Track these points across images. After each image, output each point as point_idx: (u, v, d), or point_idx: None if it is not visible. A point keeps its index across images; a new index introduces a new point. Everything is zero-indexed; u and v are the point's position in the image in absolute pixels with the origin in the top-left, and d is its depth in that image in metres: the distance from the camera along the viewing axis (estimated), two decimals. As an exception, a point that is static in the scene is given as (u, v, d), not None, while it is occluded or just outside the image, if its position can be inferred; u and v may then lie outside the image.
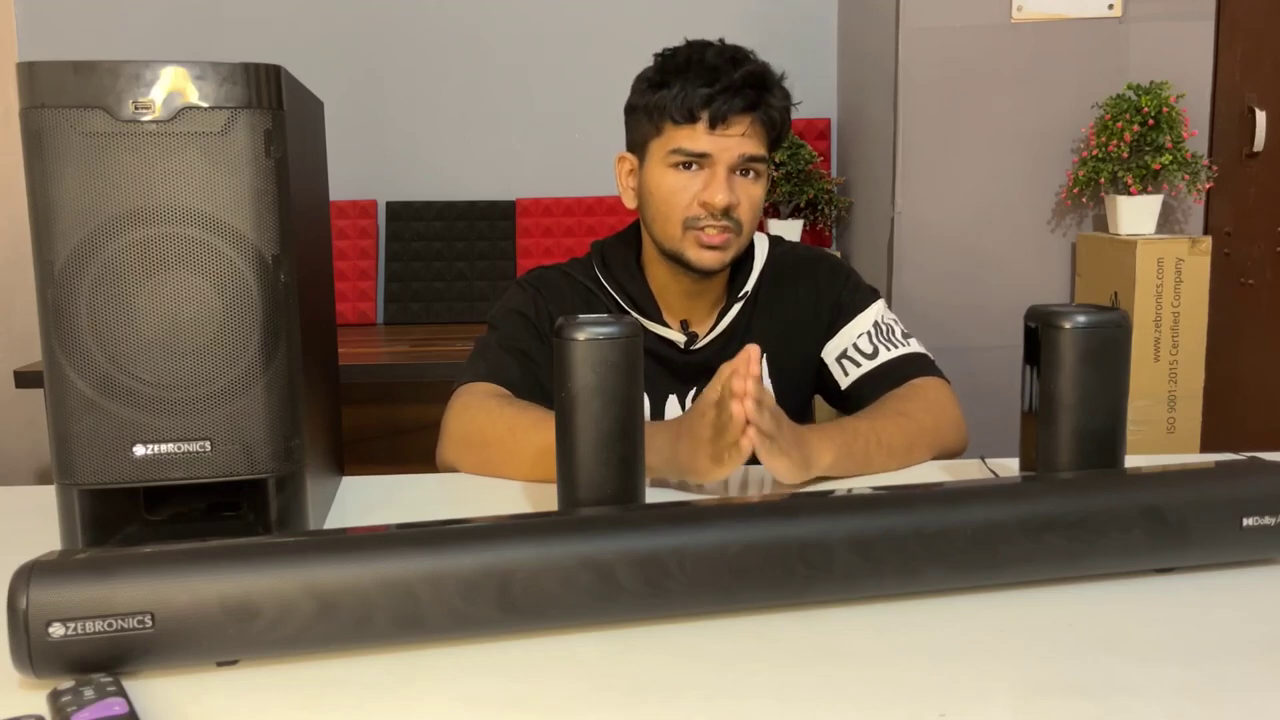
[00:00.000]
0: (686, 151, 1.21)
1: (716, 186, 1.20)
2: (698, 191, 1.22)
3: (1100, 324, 0.92)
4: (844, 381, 1.32)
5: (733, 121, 1.20)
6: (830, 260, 1.39)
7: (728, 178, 1.21)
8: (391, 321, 2.85)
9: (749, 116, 1.20)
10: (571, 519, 0.79)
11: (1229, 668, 0.70)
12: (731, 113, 1.19)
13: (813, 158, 2.63)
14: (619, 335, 0.86)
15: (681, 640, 0.75)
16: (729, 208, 1.21)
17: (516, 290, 1.35)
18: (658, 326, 1.31)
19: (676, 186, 1.23)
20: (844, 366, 1.32)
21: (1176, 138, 2.18)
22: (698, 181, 1.22)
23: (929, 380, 1.27)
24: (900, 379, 1.27)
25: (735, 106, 1.19)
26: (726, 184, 1.21)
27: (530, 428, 1.13)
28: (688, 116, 1.20)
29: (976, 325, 2.35)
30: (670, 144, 1.22)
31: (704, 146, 1.20)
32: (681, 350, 1.32)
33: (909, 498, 0.81)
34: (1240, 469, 0.87)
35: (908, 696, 0.66)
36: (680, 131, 1.21)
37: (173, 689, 0.69)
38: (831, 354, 1.33)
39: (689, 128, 1.21)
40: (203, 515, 0.95)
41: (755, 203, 1.25)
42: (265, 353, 0.85)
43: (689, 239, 1.24)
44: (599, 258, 1.36)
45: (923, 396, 1.23)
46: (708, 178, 1.21)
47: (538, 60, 2.89)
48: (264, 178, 0.84)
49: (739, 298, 1.32)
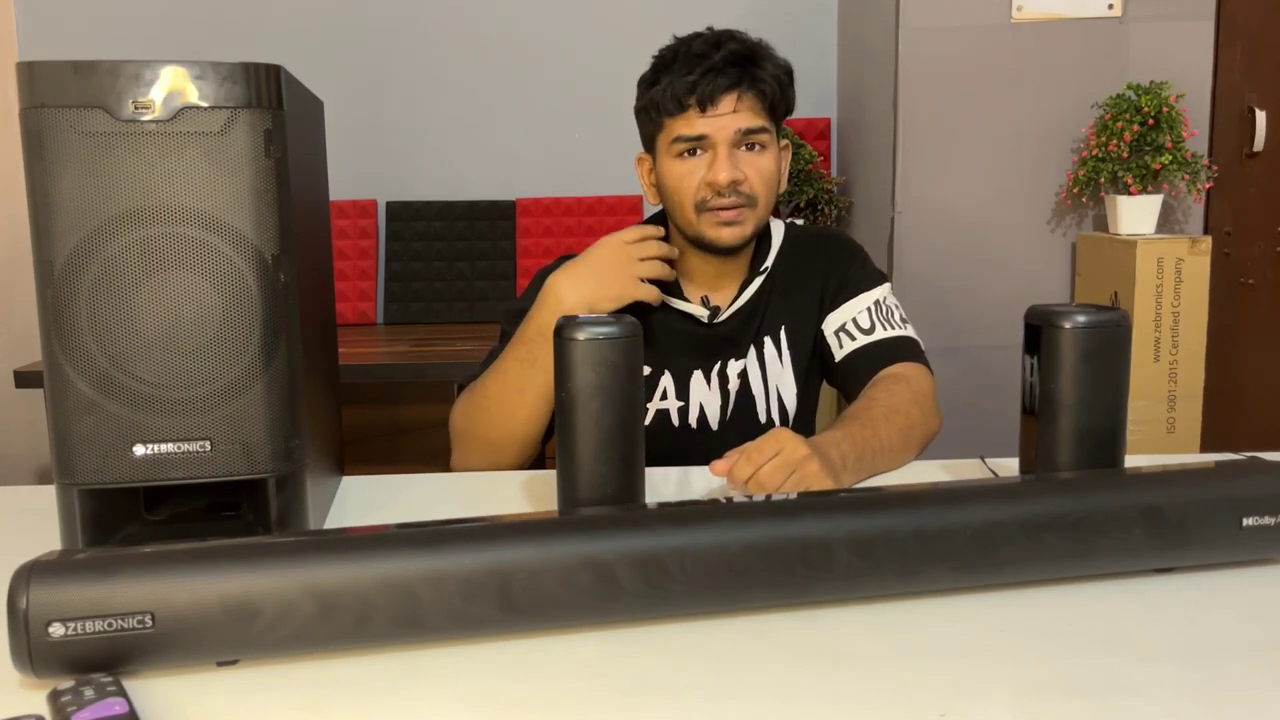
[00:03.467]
0: (685, 138, 1.25)
1: (719, 165, 1.25)
2: (704, 174, 1.26)
3: (1100, 324, 0.92)
4: (838, 354, 1.34)
5: (720, 100, 1.24)
6: (844, 239, 1.44)
7: (730, 155, 1.25)
8: (391, 321, 2.85)
9: (735, 92, 1.24)
10: (571, 519, 0.79)
11: (1229, 668, 0.70)
12: (718, 92, 1.23)
13: (813, 157, 2.63)
14: (619, 335, 0.86)
15: (681, 640, 0.75)
16: (735, 182, 1.25)
17: (529, 288, 1.37)
18: (680, 302, 1.34)
19: (684, 173, 1.27)
20: (840, 339, 1.35)
21: (1176, 138, 2.18)
22: (702, 165, 1.26)
23: (914, 367, 1.30)
24: (889, 359, 1.30)
25: (720, 85, 1.23)
26: (729, 161, 1.25)
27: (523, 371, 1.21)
28: (678, 105, 1.25)
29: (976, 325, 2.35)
30: (670, 134, 1.27)
31: (699, 129, 1.25)
32: (705, 325, 1.34)
33: (909, 498, 0.81)
34: (1240, 469, 0.87)
35: (908, 696, 0.66)
36: (676, 121, 1.26)
37: (173, 689, 0.69)
38: (831, 326, 1.36)
39: (682, 116, 1.25)
40: (203, 515, 0.95)
41: (765, 173, 1.28)
42: (265, 353, 0.85)
43: (705, 220, 1.28)
44: None
45: (908, 386, 1.26)
46: (710, 159, 1.26)
47: (538, 60, 2.89)
48: (264, 178, 0.84)
49: (760, 271, 1.36)
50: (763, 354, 1.36)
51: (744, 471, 0.99)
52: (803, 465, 1.00)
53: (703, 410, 1.35)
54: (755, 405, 1.36)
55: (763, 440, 1.02)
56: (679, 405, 1.35)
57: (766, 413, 1.36)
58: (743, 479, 0.99)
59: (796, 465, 1.00)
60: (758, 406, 1.36)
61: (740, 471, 0.99)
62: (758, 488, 0.98)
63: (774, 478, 0.99)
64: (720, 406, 1.35)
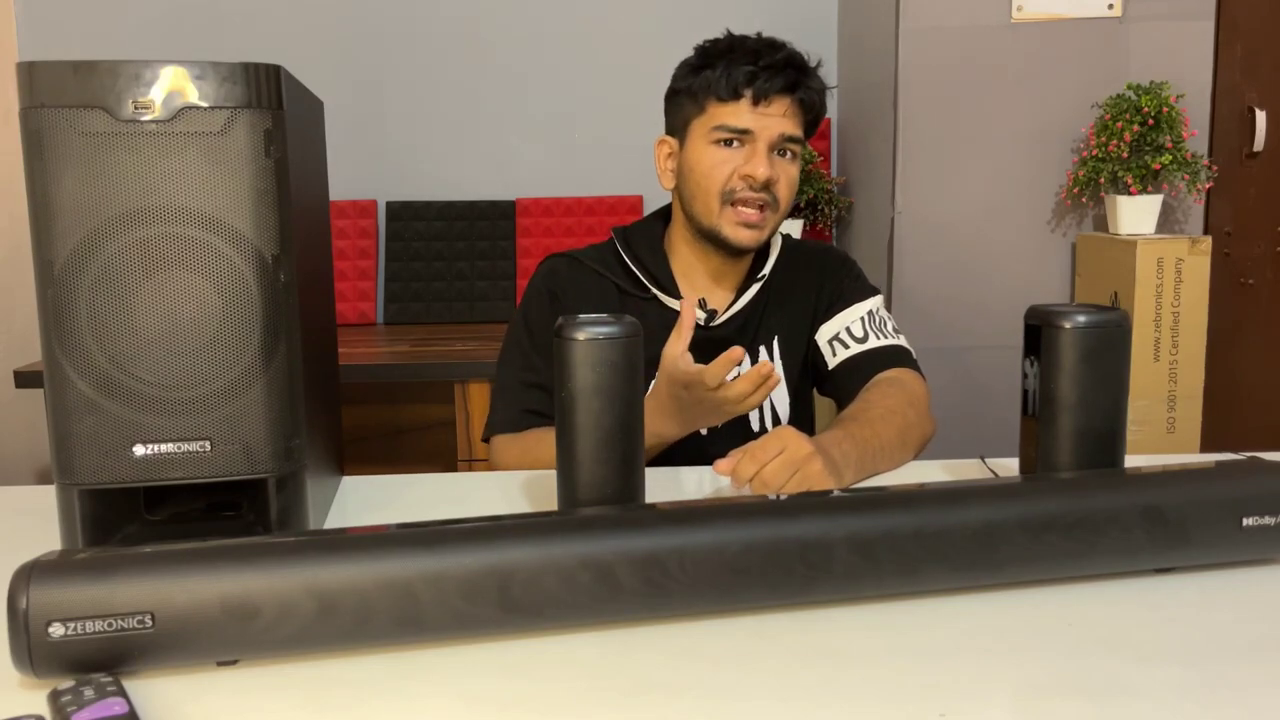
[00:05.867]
0: (730, 128, 1.26)
1: (759, 160, 1.25)
2: (739, 165, 1.26)
3: (1100, 324, 0.92)
4: (831, 362, 1.35)
5: (774, 99, 1.25)
6: (838, 253, 1.44)
7: (768, 154, 1.26)
8: (391, 321, 2.85)
9: (790, 96, 1.26)
10: (571, 519, 0.79)
11: (1229, 668, 0.70)
12: (774, 90, 1.24)
13: (813, 157, 2.62)
14: (619, 335, 0.86)
15: (681, 640, 0.75)
16: (769, 182, 1.26)
17: (520, 313, 1.38)
18: (677, 303, 1.34)
19: (718, 160, 1.27)
20: (834, 348, 1.35)
21: (1176, 138, 2.18)
22: (739, 156, 1.27)
23: (907, 373, 1.31)
24: (882, 366, 1.31)
25: (777, 85, 1.24)
26: (767, 159, 1.26)
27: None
28: (732, 93, 1.25)
29: (976, 325, 2.35)
30: (714, 120, 1.27)
31: (746, 123, 1.25)
32: (700, 327, 1.35)
33: (909, 498, 0.81)
34: (1240, 469, 0.87)
35: (908, 696, 0.66)
36: (724, 108, 1.26)
37: (173, 689, 0.69)
38: (824, 336, 1.37)
39: (733, 104, 1.25)
40: (203, 515, 0.95)
41: (792, 182, 1.30)
42: (265, 353, 0.85)
43: (726, 215, 1.28)
44: (622, 239, 1.39)
45: (903, 388, 1.27)
46: (749, 153, 1.26)
47: (538, 60, 2.89)
48: (264, 178, 0.84)
49: (759, 278, 1.36)
50: (757, 362, 1.36)
51: (747, 470, 0.99)
52: (806, 464, 1.00)
53: None
54: (748, 414, 1.36)
55: (766, 439, 1.02)
56: None
57: (760, 422, 1.36)
58: (746, 478, 0.99)
59: (800, 464, 1.00)
60: (750, 415, 1.36)
61: (744, 470, 0.99)
62: (761, 487, 0.98)
63: (777, 477, 0.99)
64: None
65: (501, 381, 1.36)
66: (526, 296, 1.38)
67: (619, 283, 1.36)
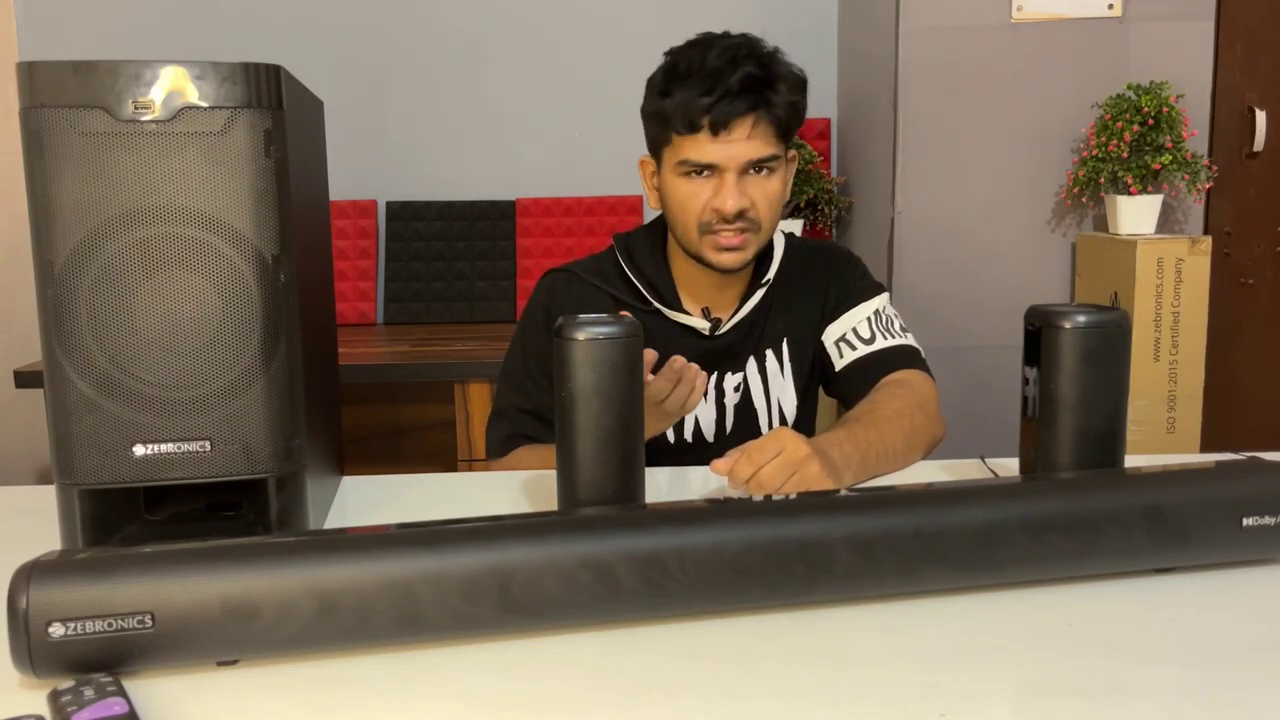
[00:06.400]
0: (693, 162, 1.22)
1: (726, 193, 1.22)
2: (709, 198, 1.23)
3: (1100, 324, 0.92)
4: (839, 364, 1.34)
5: (735, 125, 1.20)
6: (843, 251, 1.43)
7: (738, 181, 1.22)
8: (391, 321, 2.85)
9: (751, 117, 1.20)
10: (571, 519, 0.79)
11: (1229, 668, 0.70)
12: (733, 117, 1.19)
13: (813, 157, 2.62)
14: (619, 335, 0.86)
15: (681, 640, 0.75)
16: (742, 211, 1.22)
17: (518, 332, 1.38)
18: (680, 315, 1.34)
19: (689, 193, 1.24)
20: (840, 349, 1.34)
21: (1176, 138, 2.18)
22: (708, 188, 1.23)
23: (916, 374, 1.30)
24: (891, 367, 1.30)
25: (736, 110, 1.19)
26: (736, 189, 1.22)
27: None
28: (690, 126, 1.21)
29: (976, 325, 2.35)
30: (678, 154, 1.23)
31: (710, 156, 1.21)
32: (705, 336, 1.34)
33: (909, 498, 0.81)
34: (1240, 469, 0.87)
35: (908, 696, 0.66)
36: (685, 141, 1.22)
37: (173, 689, 0.69)
38: (831, 337, 1.36)
39: (692, 138, 1.21)
40: (203, 515, 0.95)
41: (771, 198, 1.26)
42: (265, 353, 0.85)
43: (706, 242, 1.26)
44: (623, 249, 1.38)
45: (911, 390, 1.26)
46: (717, 184, 1.23)
47: (538, 60, 2.89)
48: (264, 178, 0.84)
49: (762, 284, 1.35)
50: (764, 366, 1.35)
51: (744, 471, 0.99)
52: (804, 466, 1.00)
53: (698, 424, 1.35)
54: (757, 418, 1.36)
55: (764, 440, 1.01)
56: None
57: (769, 425, 1.36)
58: (743, 478, 0.99)
59: (797, 466, 1.00)
60: (759, 419, 1.36)
61: (741, 471, 0.99)
62: (758, 488, 0.98)
63: (775, 478, 0.99)
64: (715, 420, 1.35)
65: (497, 405, 1.36)
66: (524, 316, 1.38)
67: (619, 296, 1.35)
